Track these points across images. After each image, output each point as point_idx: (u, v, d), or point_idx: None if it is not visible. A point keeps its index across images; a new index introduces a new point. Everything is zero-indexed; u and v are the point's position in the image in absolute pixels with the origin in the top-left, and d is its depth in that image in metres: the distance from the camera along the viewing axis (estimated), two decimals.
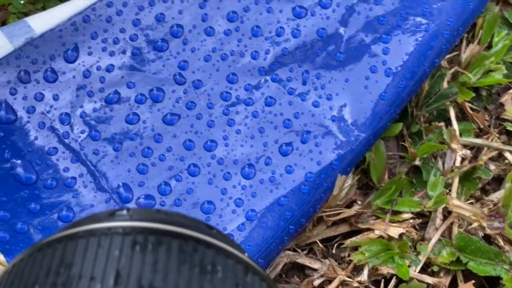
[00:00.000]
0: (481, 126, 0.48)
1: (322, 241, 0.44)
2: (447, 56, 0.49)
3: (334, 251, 0.44)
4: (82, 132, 0.42)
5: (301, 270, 0.44)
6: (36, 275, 0.18)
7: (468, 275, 0.44)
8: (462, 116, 0.49)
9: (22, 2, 0.47)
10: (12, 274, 0.19)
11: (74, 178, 0.41)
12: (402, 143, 0.47)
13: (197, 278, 0.18)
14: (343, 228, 0.45)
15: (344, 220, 0.45)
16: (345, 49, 0.44)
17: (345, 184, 0.43)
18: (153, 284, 0.17)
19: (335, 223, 0.45)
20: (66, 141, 0.41)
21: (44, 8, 0.47)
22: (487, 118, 0.49)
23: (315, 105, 0.43)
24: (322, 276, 0.43)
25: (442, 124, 0.47)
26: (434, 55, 0.45)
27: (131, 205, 0.40)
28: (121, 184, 0.41)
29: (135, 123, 0.42)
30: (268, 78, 0.44)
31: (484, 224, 0.44)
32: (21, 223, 0.39)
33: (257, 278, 0.19)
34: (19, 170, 0.40)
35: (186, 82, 0.43)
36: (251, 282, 0.19)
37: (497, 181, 0.48)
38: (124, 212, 0.20)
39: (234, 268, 0.19)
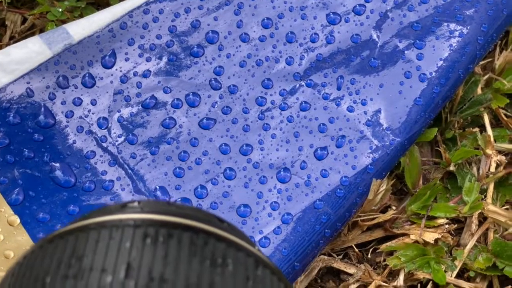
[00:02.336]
0: None
1: (357, 246, 0.44)
2: (481, 63, 0.49)
3: (369, 256, 0.44)
4: (120, 136, 0.42)
5: (337, 275, 0.44)
6: (48, 267, 0.18)
7: (504, 280, 0.43)
8: (496, 122, 0.49)
9: (60, 10, 0.47)
10: (24, 265, 0.19)
11: (112, 181, 0.41)
12: (437, 148, 0.47)
13: (208, 271, 0.18)
14: (378, 233, 0.45)
15: (379, 225, 0.45)
16: (379, 54, 0.45)
17: (380, 188, 0.43)
18: (164, 276, 0.17)
19: (369, 228, 0.45)
20: (104, 144, 0.42)
21: (81, 16, 0.48)
22: None
23: (350, 110, 0.43)
24: (357, 281, 0.43)
25: (476, 130, 0.47)
26: (468, 61, 0.45)
27: None
28: (158, 187, 0.41)
29: (172, 127, 0.43)
30: (303, 83, 0.44)
31: None
32: (60, 224, 0.39)
33: (268, 271, 0.19)
34: (58, 173, 0.41)
35: (221, 87, 0.44)
36: (262, 275, 0.19)
37: None
38: (136, 204, 0.20)
39: (245, 261, 0.19)
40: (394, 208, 0.45)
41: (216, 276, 0.18)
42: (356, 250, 0.44)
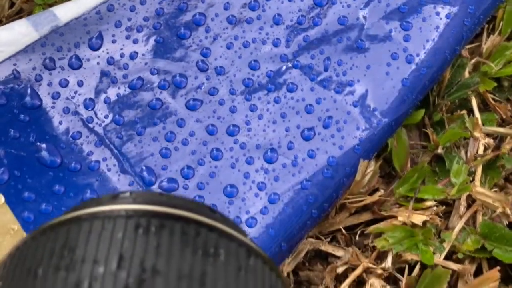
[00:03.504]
0: (504, 117, 0.48)
1: (345, 228, 0.44)
2: (468, 47, 0.49)
3: (357, 238, 0.44)
4: (106, 117, 0.42)
5: (324, 258, 0.44)
6: (40, 258, 0.18)
7: (494, 263, 0.43)
8: (484, 107, 0.49)
9: None
10: (16, 257, 0.19)
11: (98, 161, 0.41)
12: (425, 130, 0.47)
13: (200, 261, 0.18)
14: (366, 216, 0.45)
15: (367, 208, 0.45)
16: (366, 36, 0.45)
17: (368, 169, 0.43)
18: (156, 267, 0.17)
19: (357, 211, 0.45)
20: (90, 125, 0.42)
21: None
22: (510, 109, 0.48)
23: (337, 91, 0.43)
24: (345, 263, 0.43)
25: (464, 112, 0.47)
26: (455, 43, 0.45)
27: (155, 188, 0.41)
28: (144, 167, 0.41)
29: (158, 108, 0.42)
30: (290, 65, 0.44)
31: (509, 212, 0.43)
32: (45, 204, 0.39)
33: (260, 260, 0.19)
34: (44, 153, 0.41)
35: (208, 68, 0.44)
36: (254, 265, 0.19)
37: None
38: (127, 195, 0.20)
39: (237, 251, 0.19)
40: (382, 190, 0.45)
41: (208, 266, 0.18)
42: (344, 232, 0.44)
